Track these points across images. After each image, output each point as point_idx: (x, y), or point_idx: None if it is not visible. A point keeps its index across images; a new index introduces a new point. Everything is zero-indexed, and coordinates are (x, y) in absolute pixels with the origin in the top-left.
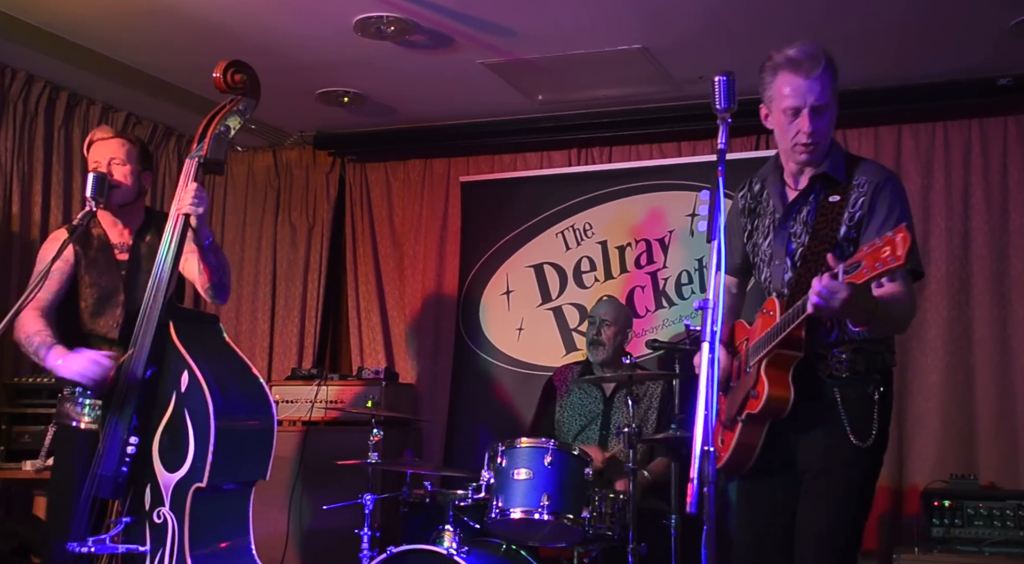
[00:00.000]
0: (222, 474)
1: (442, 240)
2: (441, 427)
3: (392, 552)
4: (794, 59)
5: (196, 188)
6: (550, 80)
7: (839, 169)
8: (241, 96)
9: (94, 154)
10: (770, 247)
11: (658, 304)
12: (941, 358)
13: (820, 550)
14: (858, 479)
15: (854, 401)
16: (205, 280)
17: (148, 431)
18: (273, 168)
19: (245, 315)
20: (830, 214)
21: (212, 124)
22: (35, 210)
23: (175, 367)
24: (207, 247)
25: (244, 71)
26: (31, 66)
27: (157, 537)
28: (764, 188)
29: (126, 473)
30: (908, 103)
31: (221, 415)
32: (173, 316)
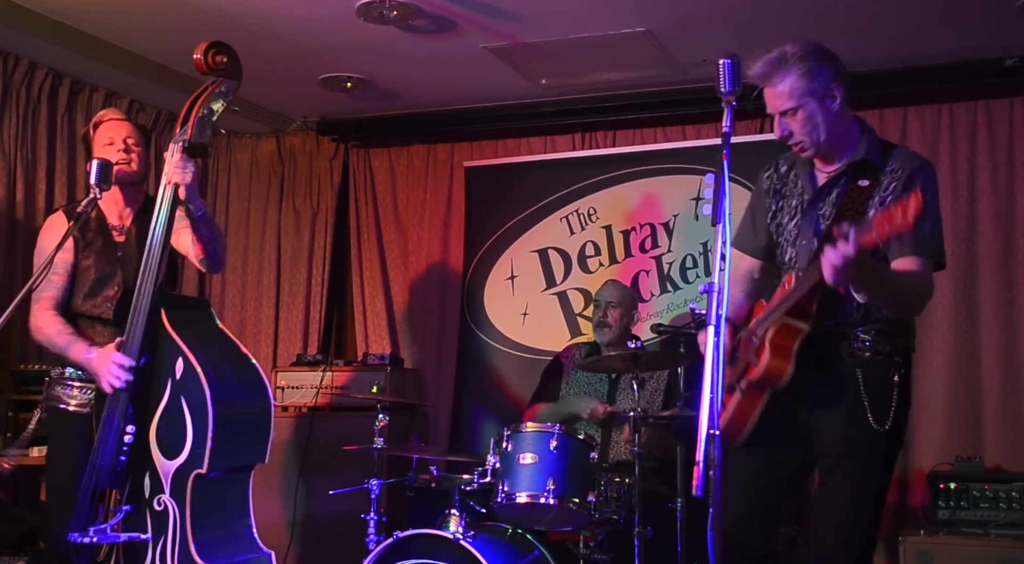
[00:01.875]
0: (221, 459)
1: (446, 225)
2: (446, 412)
3: (398, 537)
4: (758, 75)
5: (180, 158)
6: (553, 64)
7: (875, 154)
8: (223, 78)
9: (107, 132)
10: (796, 227)
11: (663, 288)
12: (947, 340)
13: (841, 537)
14: (879, 463)
15: (875, 383)
16: (199, 251)
17: (144, 419)
18: (277, 154)
19: (250, 302)
20: (859, 197)
21: (195, 107)
22: (39, 197)
23: (169, 354)
24: (199, 219)
25: (225, 52)
26: (34, 53)
27: (158, 524)
28: (792, 169)
29: (124, 462)
30: (913, 85)
31: (218, 400)
32: (164, 303)
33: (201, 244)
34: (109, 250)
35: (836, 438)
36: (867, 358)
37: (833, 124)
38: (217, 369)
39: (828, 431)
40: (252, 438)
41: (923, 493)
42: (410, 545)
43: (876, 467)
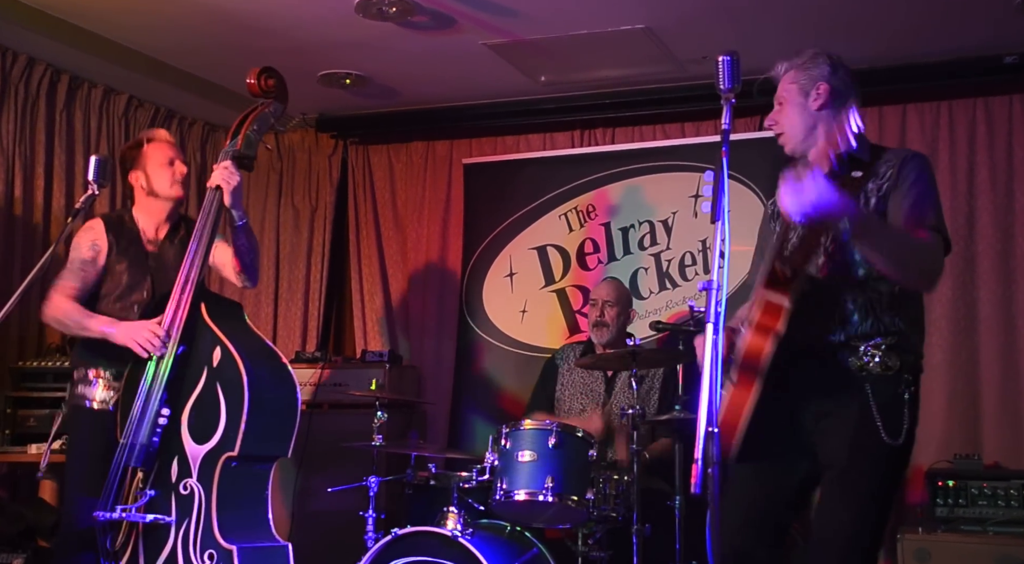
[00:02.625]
0: (252, 444)
1: (445, 222)
2: (445, 409)
3: (397, 534)
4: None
5: (228, 164)
6: (553, 61)
7: (863, 150)
8: (272, 100)
9: (165, 150)
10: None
11: (661, 286)
12: (945, 338)
13: (846, 549)
14: (887, 476)
15: (886, 399)
16: (237, 262)
17: (177, 405)
18: (276, 151)
19: (249, 299)
20: (852, 188)
21: (246, 123)
22: (37, 194)
23: (206, 344)
24: (240, 228)
25: (275, 77)
26: (32, 49)
27: (183, 508)
28: None
29: (157, 443)
30: (913, 82)
31: (254, 386)
32: (204, 298)
33: (241, 254)
34: (141, 259)
35: (843, 448)
36: (877, 374)
37: (810, 119)
38: (253, 359)
39: (835, 442)
40: (279, 430)
41: (921, 491)
42: (408, 542)
43: (884, 479)
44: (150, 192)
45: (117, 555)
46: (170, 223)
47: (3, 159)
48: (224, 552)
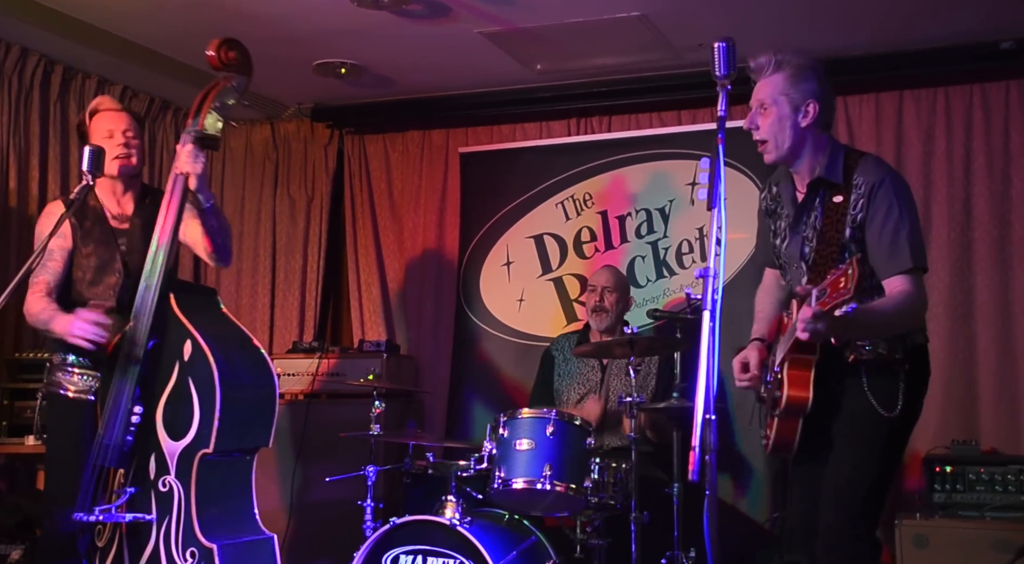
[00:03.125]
0: (227, 440)
1: (441, 212)
2: (443, 398)
3: (395, 523)
4: (756, 65)
5: (191, 149)
6: (548, 49)
7: (835, 170)
8: (235, 73)
9: (104, 123)
10: (787, 251)
11: (659, 274)
12: (942, 324)
13: (838, 503)
14: (881, 442)
15: (878, 377)
16: (208, 243)
17: (151, 401)
18: (271, 141)
19: (245, 289)
20: (835, 215)
21: (207, 100)
22: (32, 185)
23: (177, 337)
24: (208, 210)
25: (236, 48)
26: (25, 40)
27: (163, 505)
28: (778, 188)
29: (131, 442)
30: (909, 68)
31: (225, 382)
32: (173, 288)
33: (209, 236)
34: (108, 239)
35: (841, 422)
36: (870, 361)
37: (799, 136)
38: (225, 352)
39: (836, 422)
40: (257, 421)
41: (919, 477)
42: (407, 531)
43: (879, 445)
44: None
45: (103, 553)
46: (134, 195)
47: None
48: (205, 550)
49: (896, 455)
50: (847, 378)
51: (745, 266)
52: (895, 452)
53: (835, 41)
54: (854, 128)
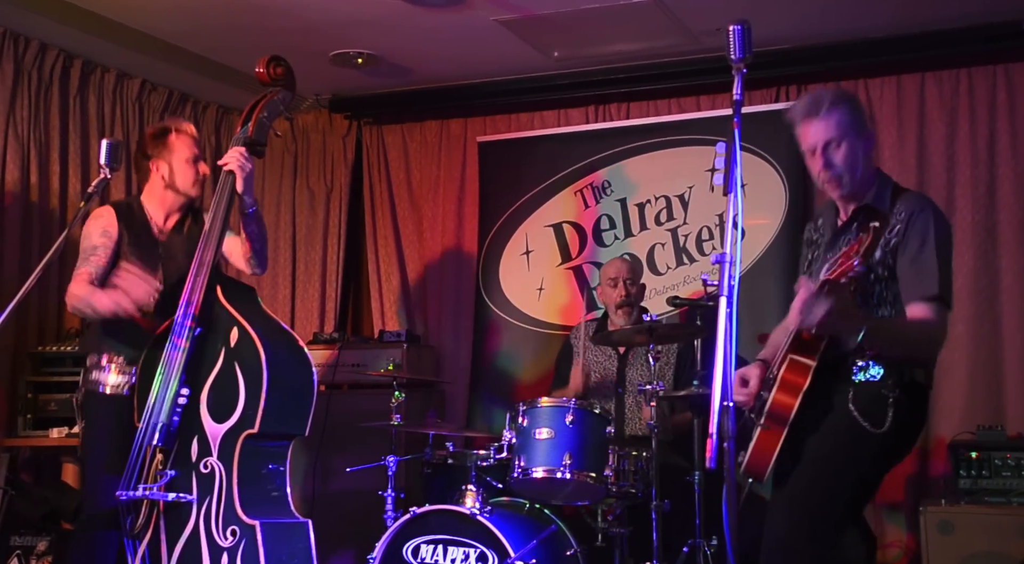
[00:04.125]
0: (271, 422)
1: (460, 201)
2: (463, 388)
3: (415, 513)
4: (800, 109)
5: (241, 150)
6: (565, 36)
7: (883, 199)
8: (281, 88)
9: (188, 145)
10: (817, 273)
11: (678, 261)
12: (967, 308)
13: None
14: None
15: (865, 397)
16: (247, 249)
17: (196, 386)
18: (290, 132)
19: (266, 281)
20: (872, 239)
21: (256, 109)
22: (53, 179)
23: (223, 325)
24: (251, 215)
25: (283, 65)
26: (44, 35)
27: (204, 486)
28: (823, 220)
29: (177, 423)
30: (931, 50)
31: (272, 365)
32: (220, 280)
33: (251, 240)
34: (151, 248)
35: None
36: (858, 382)
37: (865, 165)
38: (270, 339)
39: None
40: (297, 408)
41: (944, 462)
42: (427, 521)
43: (856, 457)
44: (170, 185)
45: (139, 535)
46: (180, 214)
47: (18, 145)
48: (247, 527)
49: (873, 470)
50: (835, 398)
51: (766, 251)
52: (873, 466)
53: (855, 23)
54: (875, 111)
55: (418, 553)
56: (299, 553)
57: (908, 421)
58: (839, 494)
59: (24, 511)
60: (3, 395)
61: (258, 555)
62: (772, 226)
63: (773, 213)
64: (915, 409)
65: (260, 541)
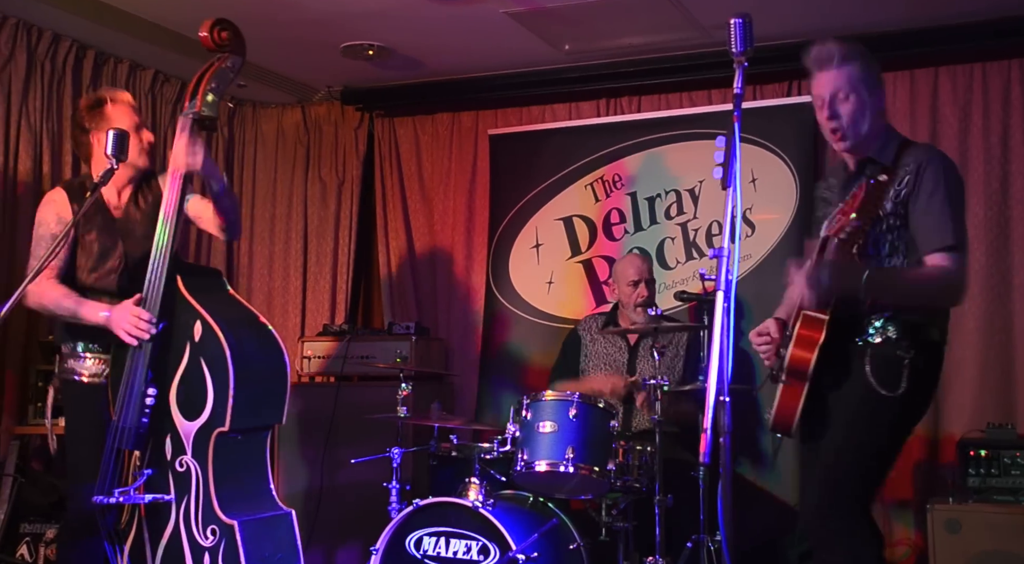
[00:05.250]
0: (242, 417)
1: (471, 194)
2: (472, 381)
3: (419, 505)
4: (814, 58)
5: (185, 143)
6: (575, 29)
7: (887, 153)
8: (229, 53)
9: (121, 115)
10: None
11: (688, 255)
12: (978, 305)
13: (823, 482)
14: (877, 420)
15: (881, 359)
16: (221, 221)
17: (164, 383)
18: (302, 124)
19: (278, 272)
20: (877, 192)
21: (203, 81)
22: (66, 169)
23: (186, 318)
24: (221, 193)
25: (229, 28)
26: (58, 25)
27: (181, 485)
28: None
29: (147, 424)
30: (944, 44)
31: (237, 359)
32: (180, 270)
33: (224, 215)
34: (109, 225)
35: (841, 406)
36: (875, 343)
37: (873, 120)
38: (235, 331)
39: (837, 406)
40: (270, 398)
41: (953, 460)
42: (430, 513)
43: (875, 427)
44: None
45: (122, 536)
46: (132, 186)
47: (31, 135)
48: (226, 527)
49: (893, 437)
50: (852, 360)
51: (777, 246)
52: (892, 433)
53: (867, 17)
54: (888, 106)
55: (421, 545)
56: (283, 545)
57: (922, 383)
58: (862, 466)
59: (33, 499)
60: (14, 384)
61: (238, 554)
62: (783, 221)
63: (784, 208)
64: (930, 370)
65: (240, 540)
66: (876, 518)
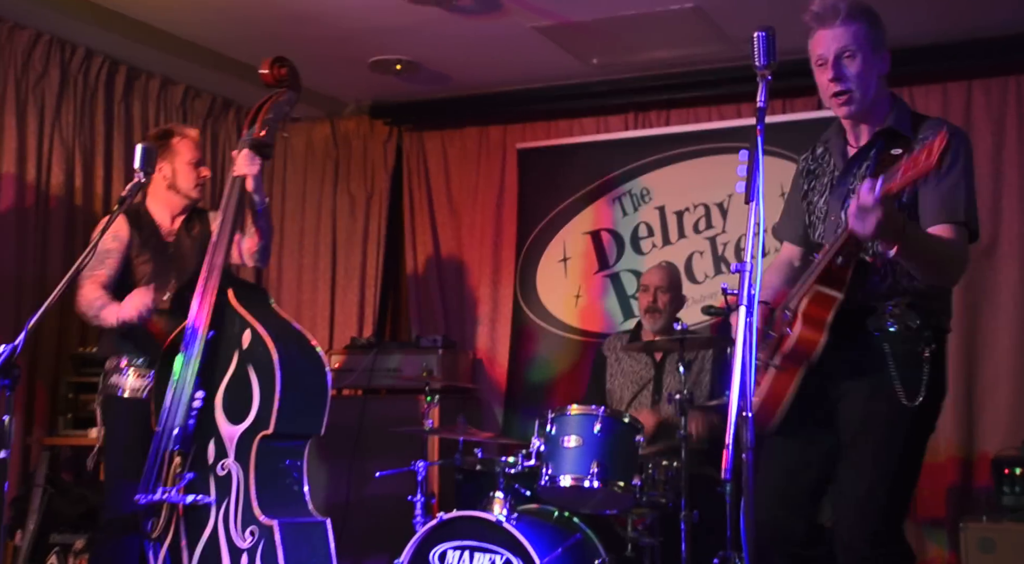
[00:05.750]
0: (286, 422)
1: (499, 208)
2: (499, 394)
3: (443, 518)
4: (816, 13)
5: (249, 153)
6: (603, 43)
7: (904, 124)
8: (286, 89)
9: (194, 150)
10: (826, 204)
11: (716, 270)
12: (1012, 321)
13: (860, 512)
14: (904, 440)
15: (904, 357)
16: (254, 244)
17: (210, 389)
18: (331, 138)
19: (306, 285)
20: (891, 164)
21: (262, 111)
22: (97, 183)
23: (236, 327)
24: (261, 212)
25: (287, 65)
26: (90, 41)
27: (222, 488)
28: (827, 150)
29: (193, 426)
30: (978, 58)
31: (285, 365)
32: (231, 283)
33: (259, 235)
34: (161, 250)
35: (858, 413)
36: (895, 332)
37: (878, 85)
38: (283, 339)
39: (851, 404)
40: (312, 408)
41: (987, 478)
42: (454, 527)
43: (900, 442)
44: (172, 186)
45: (159, 538)
46: (184, 215)
47: (64, 150)
48: (265, 528)
49: (920, 450)
50: (868, 356)
51: None
52: (919, 447)
53: (899, 30)
54: None
55: (445, 559)
56: (318, 552)
57: (938, 382)
58: (901, 490)
59: (63, 509)
60: (45, 395)
61: (277, 554)
62: None
63: None
64: (943, 362)
65: (279, 540)
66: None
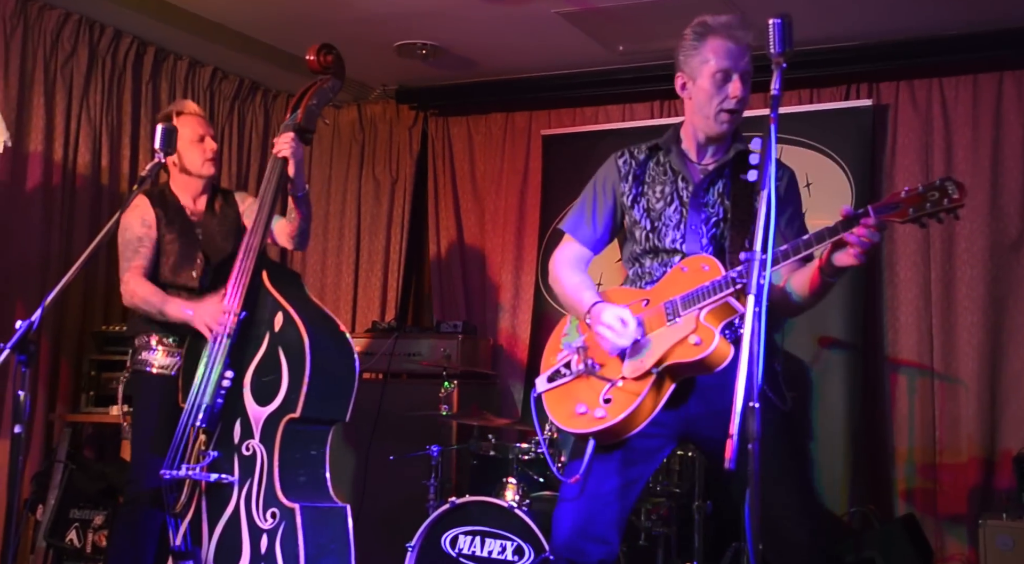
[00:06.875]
0: (313, 406)
1: (523, 194)
2: (519, 381)
3: (454, 503)
4: (728, 25)
5: (292, 136)
6: (629, 29)
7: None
8: (331, 76)
9: (195, 126)
10: (678, 212)
11: None
12: None
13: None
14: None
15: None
16: (294, 228)
17: (239, 369)
18: (358, 123)
19: (330, 268)
20: (746, 190)
21: (306, 97)
22: (123, 163)
23: (268, 309)
24: (301, 197)
25: (333, 53)
26: (119, 22)
27: (245, 468)
28: (653, 158)
29: (221, 404)
30: (1010, 48)
31: (315, 349)
32: (265, 265)
33: (299, 220)
34: (188, 229)
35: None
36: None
37: None
38: (314, 324)
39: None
40: (339, 394)
41: (1009, 476)
42: (466, 512)
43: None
44: (182, 169)
45: (181, 513)
46: (206, 194)
47: (91, 129)
48: (287, 510)
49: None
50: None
51: None
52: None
53: (930, 20)
54: (949, 111)
55: (456, 543)
56: (338, 537)
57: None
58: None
59: (83, 485)
60: (68, 372)
61: (297, 537)
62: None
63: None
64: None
65: (299, 524)
66: (928, 533)
